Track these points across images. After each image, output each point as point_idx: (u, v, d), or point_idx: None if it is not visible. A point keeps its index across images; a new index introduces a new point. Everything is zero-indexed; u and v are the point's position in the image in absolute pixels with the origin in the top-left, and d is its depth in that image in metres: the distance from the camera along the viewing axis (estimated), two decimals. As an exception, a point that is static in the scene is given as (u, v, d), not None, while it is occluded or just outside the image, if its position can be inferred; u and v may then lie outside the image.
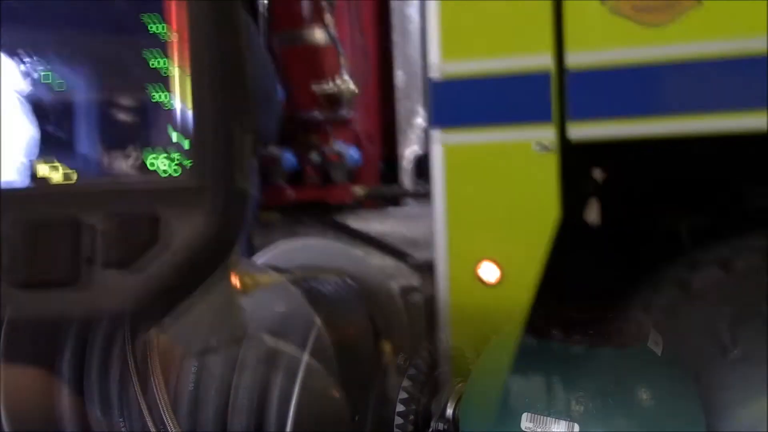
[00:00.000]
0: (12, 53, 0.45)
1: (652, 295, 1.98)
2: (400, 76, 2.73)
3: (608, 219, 2.62)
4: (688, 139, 1.97)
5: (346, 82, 2.73)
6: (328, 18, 2.72)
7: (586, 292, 2.45)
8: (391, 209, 2.69)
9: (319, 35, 2.79)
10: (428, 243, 2.58)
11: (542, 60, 2.05)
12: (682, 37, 1.89)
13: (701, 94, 1.92)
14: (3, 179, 0.44)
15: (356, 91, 2.78)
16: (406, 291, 2.50)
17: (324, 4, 2.68)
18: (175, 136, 0.41)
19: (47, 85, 0.44)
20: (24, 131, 0.45)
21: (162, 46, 0.42)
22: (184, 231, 0.39)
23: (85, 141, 0.43)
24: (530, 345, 1.96)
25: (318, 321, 2.21)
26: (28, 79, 0.45)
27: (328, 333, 2.21)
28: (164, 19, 0.43)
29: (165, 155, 0.42)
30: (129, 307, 0.41)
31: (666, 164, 2.44)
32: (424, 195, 2.55)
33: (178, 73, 0.41)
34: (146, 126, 0.43)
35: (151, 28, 0.42)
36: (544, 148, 2.00)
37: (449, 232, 2.17)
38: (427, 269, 2.34)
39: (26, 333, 0.40)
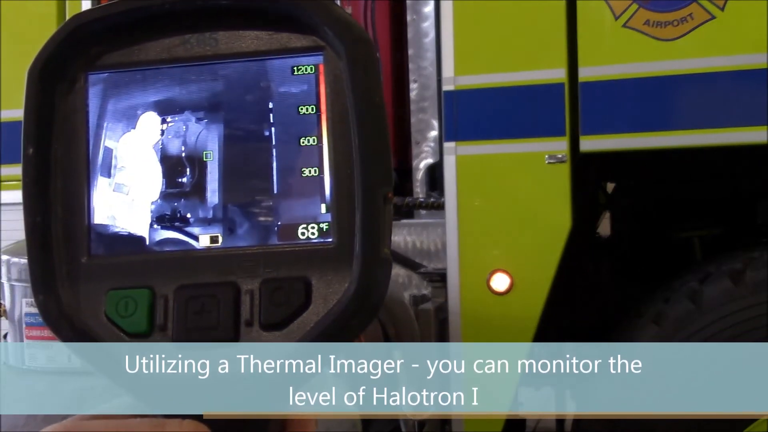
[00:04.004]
0: (166, 120, 0.49)
1: (663, 307, 1.99)
2: (414, 89, 2.77)
3: (620, 231, 2.64)
4: (700, 152, 1.99)
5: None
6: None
7: (597, 303, 2.46)
8: (404, 220, 2.71)
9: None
10: (440, 253, 2.60)
11: (556, 73, 2.08)
12: (694, 51, 1.92)
13: (713, 107, 1.94)
14: (158, 240, 0.48)
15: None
16: (418, 300, 2.52)
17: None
18: (323, 207, 0.45)
19: (195, 153, 0.48)
20: (171, 195, 0.49)
21: (312, 124, 0.46)
22: (332, 296, 0.43)
23: (230, 207, 0.47)
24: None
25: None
26: (182, 146, 0.48)
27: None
28: (317, 103, 0.47)
29: (313, 224, 0.45)
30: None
31: (678, 177, 2.46)
32: (436, 206, 2.57)
33: (325, 146, 0.45)
34: (294, 195, 0.46)
35: (301, 110, 0.46)
36: (557, 160, 2.02)
37: (461, 243, 2.20)
38: (438, 279, 2.36)
39: None
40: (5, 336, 2.55)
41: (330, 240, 0.44)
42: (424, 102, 2.77)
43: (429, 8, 2.76)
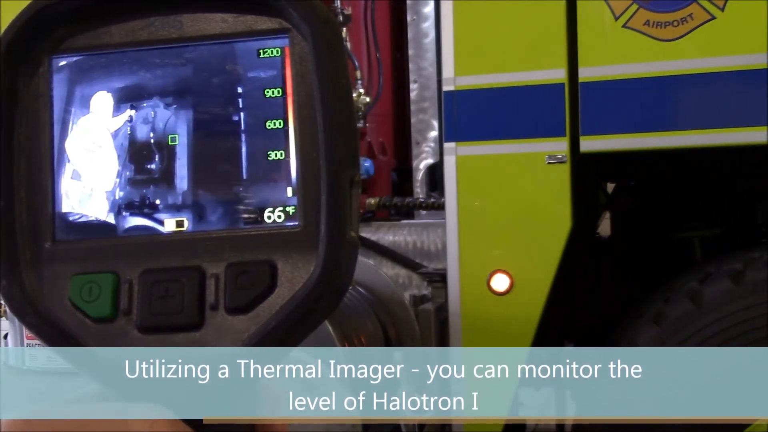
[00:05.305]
0: (136, 106, 0.48)
1: (663, 307, 1.99)
2: (414, 89, 2.76)
3: (620, 231, 2.64)
4: (700, 152, 1.99)
5: (361, 94, 2.77)
6: (344, 31, 2.77)
7: (597, 303, 2.46)
8: (404, 220, 2.71)
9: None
10: (440, 253, 2.60)
11: (556, 74, 2.08)
12: (694, 51, 1.92)
13: (713, 108, 1.94)
14: (125, 226, 0.47)
15: (370, 103, 2.81)
16: (418, 301, 2.52)
17: (340, 17, 2.72)
18: (289, 191, 0.45)
19: (163, 138, 0.48)
20: (140, 182, 0.48)
21: (278, 107, 0.45)
22: (298, 279, 0.43)
23: (198, 192, 0.47)
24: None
25: (330, 329, 2.24)
26: (149, 132, 0.48)
27: (340, 341, 2.24)
28: (283, 85, 0.46)
29: (279, 208, 0.45)
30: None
31: (678, 177, 2.45)
32: (436, 206, 2.57)
33: (291, 130, 0.45)
34: (261, 179, 0.46)
35: (267, 93, 0.46)
36: (557, 160, 2.02)
37: (461, 243, 2.20)
38: (438, 279, 2.36)
39: None
40: (5, 336, 2.55)
41: (296, 223, 0.44)
42: (424, 102, 2.77)
43: (429, 8, 2.76)
